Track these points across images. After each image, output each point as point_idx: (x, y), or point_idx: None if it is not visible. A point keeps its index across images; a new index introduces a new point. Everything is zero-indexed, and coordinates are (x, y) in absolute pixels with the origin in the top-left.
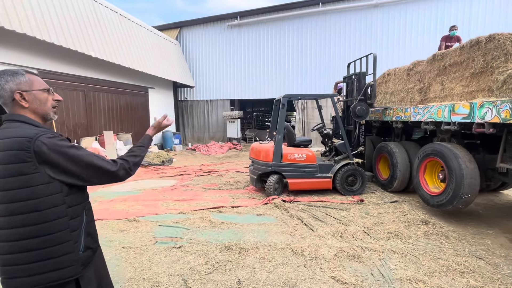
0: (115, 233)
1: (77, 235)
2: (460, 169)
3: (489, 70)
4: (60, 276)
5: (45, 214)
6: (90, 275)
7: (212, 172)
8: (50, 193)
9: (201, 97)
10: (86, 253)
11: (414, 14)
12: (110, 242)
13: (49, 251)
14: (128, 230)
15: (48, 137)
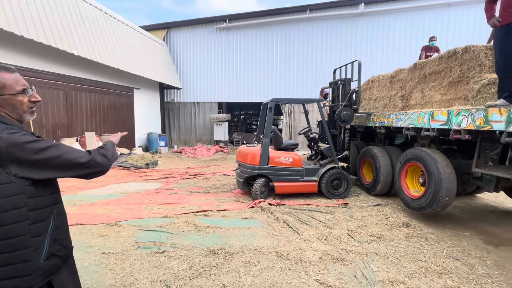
0: (95, 238)
1: (40, 242)
2: (439, 173)
3: (465, 79)
4: (17, 285)
5: (3, 216)
6: (62, 282)
7: (198, 175)
8: (10, 194)
9: (188, 99)
10: (49, 261)
11: (396, 24)
12: (90, 247)
13: (7, 256)
14: (109, 235)
15: (8, 133)
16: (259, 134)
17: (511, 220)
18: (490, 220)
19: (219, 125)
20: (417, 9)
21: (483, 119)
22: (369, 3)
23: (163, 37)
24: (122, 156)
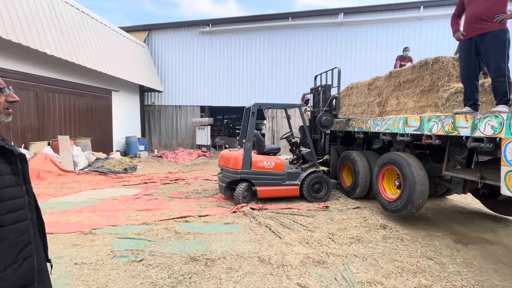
0: (67, 248)
1: None
2: (413, 176)
3: (435, 88)
4: None
5: None
6: None
7: (180, 180)
8: None
9: (169, 102)
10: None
11: (373, 33)
12: (60, 258)
13: None
14: (82, 244)
15: None
16: (242, 139)
17: (478, 220)
18: (459, 220)
19: (201, 129)
20: (392, 21)
21: (451, 125)
22: (348, 13)
23: (144, 39)
24: (98, 161)
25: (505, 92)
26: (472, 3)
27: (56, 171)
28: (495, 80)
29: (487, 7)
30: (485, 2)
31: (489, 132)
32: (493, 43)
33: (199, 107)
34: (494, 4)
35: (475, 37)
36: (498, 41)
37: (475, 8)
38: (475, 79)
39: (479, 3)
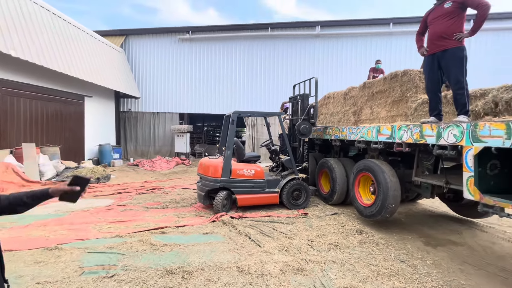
0: (28, 266)
1: None
2: (386, 182)
3: (404, 98)
4: None
5: None
6: None
7: (156, 190)
8: None
9: (147, 109)
10: None
11: (348, 46)
12: (20, 277)
13: None
14: (46, 261)
15: None
16: (222, 146)
17: (445, 223)
18: (429, 223)
19: (180, 137)
20: (365, 35)
21: (419, 133)
22: (324, 26)
23: (121, 44)
24: (68, 170)
25: (464, 104)
26: (434, 23)
27: (18, 181)
28: (455, 92)
29: (447, 26)
30: (445, 22)
31: (451, 140)
32: (452, 59)
33: (178, 114)
34: (453, 24)
35: (437, 53)
36: (457, 57)
37: (437, 27)
38: (438, 91)
39: (440, 22)
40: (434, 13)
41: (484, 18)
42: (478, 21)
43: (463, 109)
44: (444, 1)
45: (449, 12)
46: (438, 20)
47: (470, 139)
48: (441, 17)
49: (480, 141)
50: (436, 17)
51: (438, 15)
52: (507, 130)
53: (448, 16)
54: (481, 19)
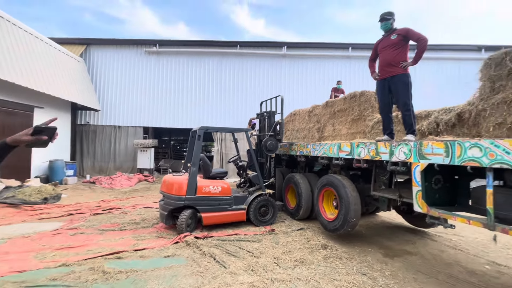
0: None
1: None
2: (347, 197)
3: (363, 117)
4: None
5: None
6: None
7: (114, 210)
8: None
9: (108, 122)
10: None
11: (312, 66)
12: None
13: None
14: None
15: None
16: (187, 163)
17: (401, 234)
18: (387, 235)
19: (144, 152)
20: (327, 57)
21: (375, 151)
22: (290, 47)
23: (81, 53)
24: (8, 190)
25: (411, 124)
26: (383, 51)
27: None
28: (403, 114)
29: (394, 55)
30: (392, 51)
31: (402, 157)
32: (400, 84)
33: (142, 128)
34: (398, 53)
35: (387, 78)
36: (403, 83)
37: (386, 55)
38: (390, 113)
39: (388, 52)
40: (383, 43)
41: (423, 49)
42: (419, 52)
43: (411, 128)
44: (390, 33)
45: (395, 43)
46: (386, 50)
47: (417, 156)
48: (388, 47)
49: (425, 158)
50: (385, 46)
51: (386, 45)
52: (445, 148)
53: (394, 46)
54: (421, 51)
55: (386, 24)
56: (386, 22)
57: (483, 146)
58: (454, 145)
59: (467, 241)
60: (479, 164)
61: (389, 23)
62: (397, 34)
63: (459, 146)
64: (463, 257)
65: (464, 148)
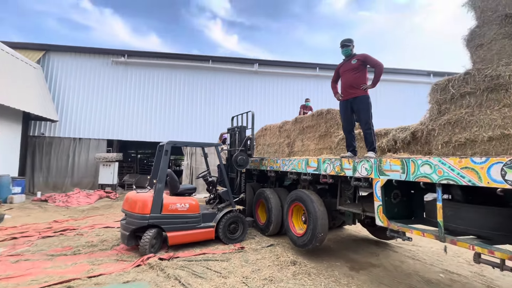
0: None
1: None
2: (315, 211)
3: (329, 133)
4: None
5: None
6: None
7: (68, 231)
8: None
9: (66, 134)
10: None
11: (283, 84)
12: None
13: None
14: None
15: None
16: (153, 179)
17: (366, 246)
18: (353, 248)
19: (106, 166)
20: (296, 76)
21: (340, 167)
22: (262, 64)
23: (38, 60)
24: None
25: (372, 142)
26: (345, 74)
27: None
28: (364, 132)
29: (355, 78)
30: (353, 75)
31: (364, 173)
32: (362, 105)
33: (106, 140)
34: (359, 77)
35: (350, 99)
36: (364, 103)
37: (347, 78)
38: (352, 131)
39: (349, 75)
40: (344, 67)
41: (380, 74)
42: (376, 77)
43: (371, 146)
44: (351, 58)
45: (355, 67)
46: (347, 73)
47: (377, 172)
48: (349, 70)
49: (384, 174)
50: (346, 70)
51: (347, 69)
52: (402, 165)
53: (354, 70)
54: (378, 75)
55: (346, 50)
56: (346, 48)
57: (433, 164)
58: (408, 162)
59: (424, 251)
60: (430, 180)
61: (349, 49)
62: (356, 59)
63: (413, 163)
64: (421, 267)
65: (417, 165)
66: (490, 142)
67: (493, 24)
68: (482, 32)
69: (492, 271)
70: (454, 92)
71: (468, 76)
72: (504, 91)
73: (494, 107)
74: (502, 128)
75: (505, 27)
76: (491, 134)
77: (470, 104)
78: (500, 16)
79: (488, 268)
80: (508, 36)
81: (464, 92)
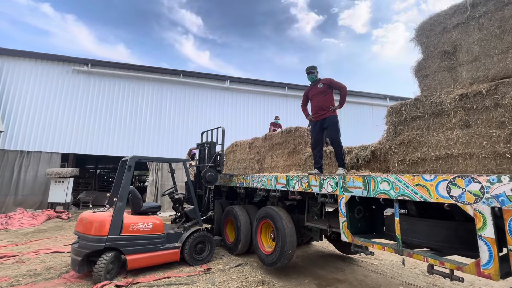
0: None
1: None
2: (284, 228)
3: (297, 150)
4: None
5: None
6: None
7: (6, 258)
8: None
9: (12, 147)
10: None
11: (253, 101)
12: None
13: None
14: None
15: None
16: (113, 196)
17: (332, 262)
18: (320, 263)
19: (59, 183)
20: (267, 94)
21: (307, 183)
22: (233, 81)
23: None
24: None
25: (342, 158)
26: (314, 98)
27: None
28: (335, 149)
29: (323, 101)
30: (321, 98)
31: (329, 189)
32: (331, 124)
33: (60, 154)
34: (327, 99)
35: (320, 120)
36: (333, 123)
37: (317, 101)
38: (321, 149)
39: (318, 98)
40: (312, 91)
41: (345, 95)
42: (342, 98)
43: (341, 162)
44: (317, 83)
45: (322, 91)
46: (316, 96)
47: (342, 189)
48: (317, 94)
49: (348, 191)
50: (314, 94)
51: (315, 93)
52: (363, 182)
53: (322, 93)
54: (343, 97)
55: (312, 76)
56: (312, 74)
57: (390, 181)
58: (369, 179)
59: (385, 264)
60: (388, 196)
61: (314, 75)
62: (322, 84)
63: (373, 180)
64: (383, 280)
65: (377, 182)
66: (437, 161)
67: (436, 58)
68: (427, 64)
69: (443, 281)
70: (406, 115)
71: (418, 102)
72: (446, 116)
73: (439, 130)
74: (446, 148)
75: (445, 61)
76: (438, 153)
77: (420, 127)
78: (440, 52)
79: (440, 278)
80: (447, 69)
81: (415, 116)
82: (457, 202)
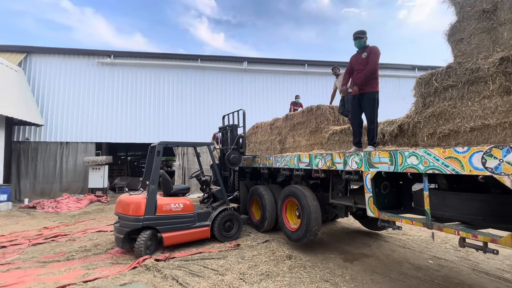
0: None
1: None
2: (308, 206)
3: (319, 129)
4: None
5: None
6: None
7: (60, 237)
8: None
9: (53, 139)
10: None
11: (272, 81)
12: None
13: None
14: None
15: None
16: (145, 180)
17: (359, 238)
18: (346, 240)
19: (96, 170)
20: (285, 73)
21: (331, 161)
22: (250, 62)
23: (19, 62)
24: None
25: (373, 137)
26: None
27: None
28: (368, 127)
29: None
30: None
31: (354, 166)
32: (367, 101)
33: (95, 144)
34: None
35: (357, 95)
36: (371, 99)
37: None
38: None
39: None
40: (356, 58)
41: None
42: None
43: (372, 140)
44: (363, 51)
45: (364, 62)
46: (357, 67)
47: (367, 165)
48: (360, 64)
49: (374, 167)
50: (357, 63)
51: (357, 62)
52: (390, 158)
53: (363, 64)
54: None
55: (359, 42)
56: (359, 40)
57: (419, 155)
58: (396, 154)
59: (413, 239)
60: (416, 170)
61: (362, 41)
62: (366, 53)
63: (401, 155)
64: (411, 254)
65: (404, 156)
66: (472, 132)
67: (472, 19)
68: (462, 27)
69: (477, 255)
70: (437, 86)
71: (450, 70)
72: (483, 83)
73: (475, 99)
74: (482, 118)
75: (483, 22)
76: (473, 124)
77: (453, 97)
78: (478, 11)
79: (473, 253)
80: (486, 30)
81: (446, 85)
82: (493, 173)
